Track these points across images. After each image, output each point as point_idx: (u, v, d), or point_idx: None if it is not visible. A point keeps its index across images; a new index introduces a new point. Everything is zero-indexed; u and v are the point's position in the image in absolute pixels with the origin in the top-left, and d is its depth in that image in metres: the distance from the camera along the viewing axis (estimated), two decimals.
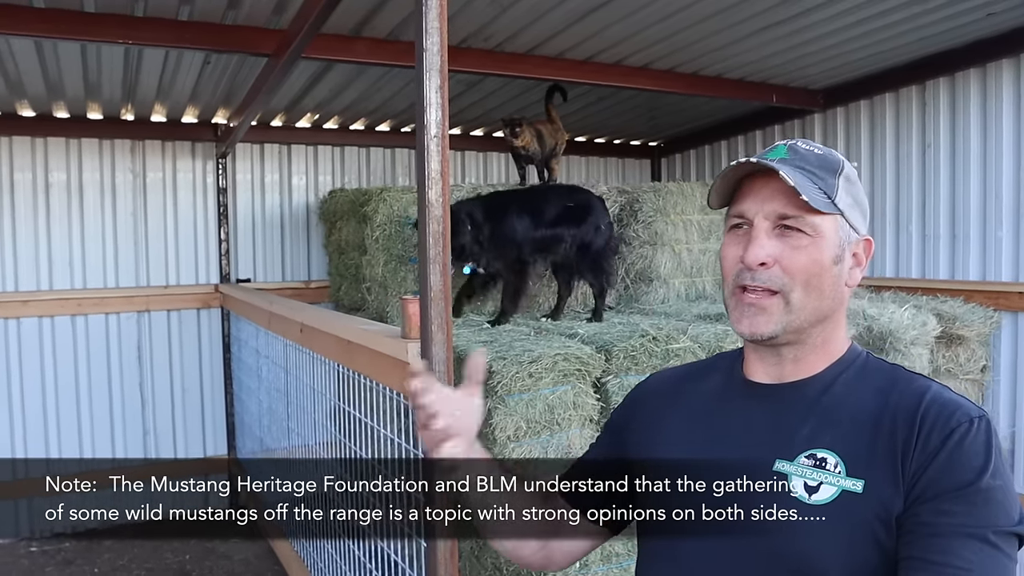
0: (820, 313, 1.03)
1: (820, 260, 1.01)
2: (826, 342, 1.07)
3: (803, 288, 1.01)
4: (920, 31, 3.79)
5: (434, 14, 1.54)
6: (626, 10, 3.41)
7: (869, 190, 4.74)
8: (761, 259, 1.01)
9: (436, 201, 1.57)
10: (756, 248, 1.01)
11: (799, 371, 1.07)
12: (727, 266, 1.06)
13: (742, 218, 1.05)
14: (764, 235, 1.02)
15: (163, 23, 3.15)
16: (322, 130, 5.39)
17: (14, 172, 4.67)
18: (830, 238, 1.02)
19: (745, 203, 1.04)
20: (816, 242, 1.01)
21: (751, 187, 1.04)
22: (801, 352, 1.06)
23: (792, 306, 1.02)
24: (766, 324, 1.02)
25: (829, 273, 1.02)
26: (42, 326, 4.77)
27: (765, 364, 1.09)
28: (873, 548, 0.93)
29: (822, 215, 1.01)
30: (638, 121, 5.75)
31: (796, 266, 1.01)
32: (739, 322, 1.05)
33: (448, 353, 1.61)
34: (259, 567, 4.34)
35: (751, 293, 1.03)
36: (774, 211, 1.01)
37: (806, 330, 1.04)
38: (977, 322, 3.65)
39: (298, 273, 5.44)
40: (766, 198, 1.02)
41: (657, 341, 2.84)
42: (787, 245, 1.01)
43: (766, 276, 1.02)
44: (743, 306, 1.04)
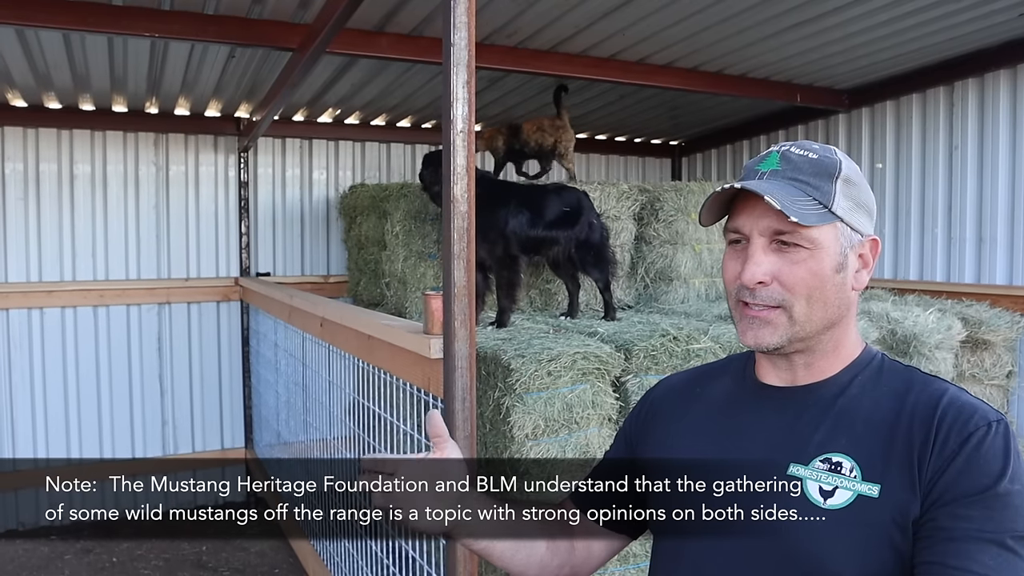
0: (827, 321, 1.02)
1: (820, 272, 0.99)
2: (838, 346, 1.05)
3: (805, 301, 1.00)
4: (950, 31, 3.73)
5: (462, 8, 1.53)
6: (649, 8, 3.39)
7: (894, 191, 4.68)
8: (759, 278, 1.00)
9: (461, 197, 1.57)
10: (752, 267, 1.00)
11: (812, 375, 1.06)
12: (728, 280, 1.05)
13: (738, 233, 1.03)
14: (760, 252, 1.00)
15: (189, 16, 3.17)
16: (343, 125, 5.41)
17: (40, 163, 4.73)
18: (830, 247, 1.00)
19: (740, 219, 1.03)
20: (815, 254, 0.99)
21: (745, 203, 1.03)
22: (812, 358, 1.05)
23: (796, 319, 1.01)
24: (771, 336, 1.01)
25: (831, 282, 1.00)
26: (65, 316, 4.82)
27: (777, 369, 1.08)
28: (889, 552, 0.92)
29: (819, 226, 0.99)
30: (660, 120, 5.72)
31: (795, 280, 0.99)
32: (744, 334, 1.04)
33: (471, 349, 1.60)
34: (275, 559, 4.37)
35: (753, 307, 1.02)
36: (768, 227, 1.00)
37: (814, 337, 1.03)
38: (1003, 327, 3.59)
39: (317, 267, 5.47)
40: (760, 215, 1.00)
41: (678, 341, 2.81)
42: (785, 260, 1.00)
43: (765, 294, 1.00)
44: (746, 319, 1.03)
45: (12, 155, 4.67)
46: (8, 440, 4.73)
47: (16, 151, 4.68)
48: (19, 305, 4.69)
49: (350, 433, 2.88)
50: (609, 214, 3.85)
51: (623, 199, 3.92)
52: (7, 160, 4.66)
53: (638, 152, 6.49)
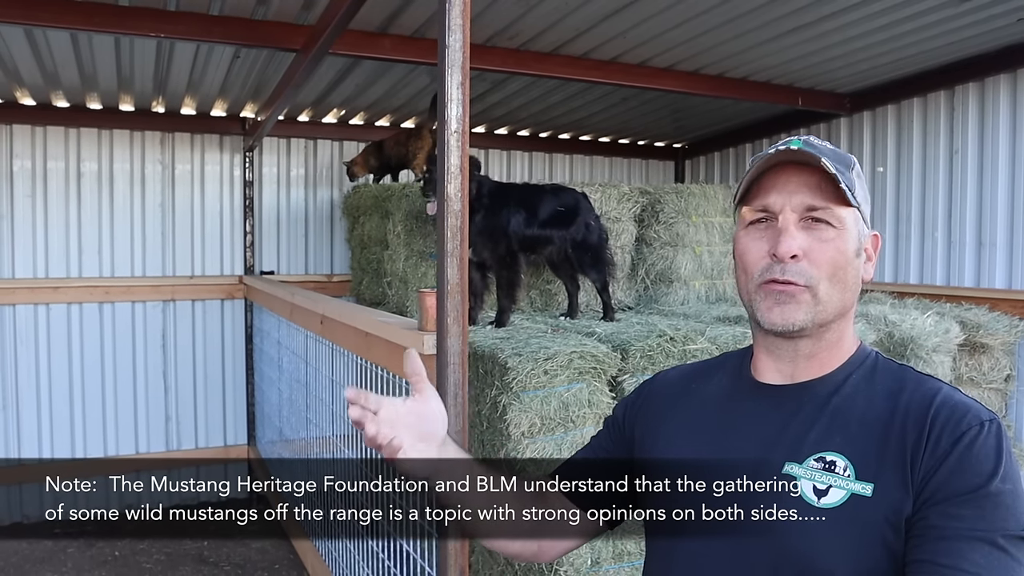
0: (843, 306, 1.04)
1: (845, 252, 1.01)
2: (840, 339, 1.06)
3: (829, 281, 1.01)
4: (950, 35, 3.74)
5: (457, 11, 1.56)
6: (651, 11, 3.41)
7: (895, 195, 4.69)
8: (793, 251, 1.00)
9: (455, 195, 1.60)
10: (788, 239, 1.00)
11: (811, 370, 1.06)
12: (752, 260, 1.04)
13: (766, 211, 1.03)
14: (793, 227, 1.01)
15: (194, 17, 3.21)
16: (348, 126, 5.45)
17: (48, 161, 4.78)
18: (852, 230, 1.02)
19: (771, 196, 1.03)
20: (841, 234, 1.01)
21: (775, 180, 1.03)
22: (817, 348, 1.05)
23: (820, 299, 1.01)
24: (798, 313, 1.01)
25: (852, 265, 1.02)
26: (71, 312, 4.87)
27: (779, 362, 1.08)
28: (882, 551, 0.93)
29: (847, 207, 1.01)
30: (663, 123, 5.74)
31: (824, 258, 1.00)
32: (770, 311, 1.02)
33: (463, 346, 1.63)
34: (275, 555, 4.40)
35: (780, 284, 1.02)
36: (802, 203, 1.01)
37: (828, 324, 1.04)
38: (1002, 331, 3.60)
39: (321, 266, 5.50)
40: (793, 190, 1.01)
41: (674, 341, 2.83)
42: (814, 238, 1.01)
43: (796, 269, 1.00)
44: (775, 294, 1.02)
45: (20, 152, 4.72)
46: (14, 434, 4.77)
47: (24, 149, 4.73)
48: (26, 301, 4.74)
49: (350, 431, 2.91)
50: (610, 216, 3.87)
51: (624, 201, 3.94)
52: (15, 157, 4.71)
53: (641, 155, 6.51)
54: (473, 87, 4.57)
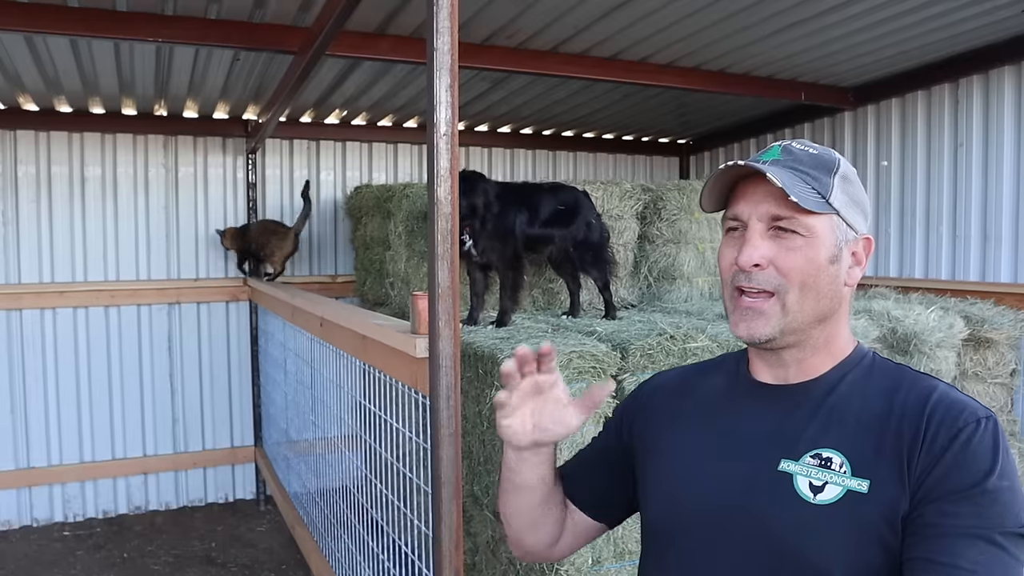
0: (819, 313, 1.03)
1: (815, 260, 1.01)
2: (829, 343, 1.06)
3: (799, 289, 1.01)
4: (953, 27, 3.71)
5: (445, 14, 1.56)
6: (650, 7, 3.39)
7: (900, 189, 4.66)
8: (755, 260, 1.01)
9: (445, 199, 1.59)
10: (750, 249, 1.02)
11: (803, 373, 1.07)
12: (724, 268, 1.07)
13: (737, 220, 1.05)
14: (758, 236, 1.02)
15: (192, 21, 3.21)
16: (350, 126, 5.45)
17: (52, 166, 4.81)
18: (825, 238, 1.02)
19: (739, 205, 1.05)
20: (810, 242, 1.01)
21: (744, 190, 1.05)
22: (803, 354, 1.06)
23: (788, 308, 1.02)
24: (763, 327, 1.03)
25: (825, 273, 1.02)
26: (77, 317, 4.91)
27: (770, 367, 1.09)
28: (878, 548, 0.93)
29: (816, 215, 1.01)
30: (666, 119, 5.72)
31: (790, 267, 1.01)
32: (736, 326, 1.05)
33: (455, 349, 1.63)
34: (282, 555, 4.42)
35: (748, 296, 1.03)
36: (767, 212, 1.02)
37: (805, 331, 1.04)
38: (1007, 325, 3.56)
39: (325, 267, 5.52)
40: (759, 200, 1.02)
41: (675, 340, 2.82)
42: (781, 246, 1.02)
43: (761, 278, 1.02)
44: (740, 310, 1.04)
45: (24, 158, 4.75)
46: (22, 438, 4.81)
47: (28, 154, 4.76)
48: (32, 306, 4.77)
49: (351, 432, 2.91)
50: (612, 213, 3.86)
51: (626, 198, 3.92)
52: (19, 163, 4.74)
53: (645, 151, 6.49)
54: (474, 86, 4.56)
